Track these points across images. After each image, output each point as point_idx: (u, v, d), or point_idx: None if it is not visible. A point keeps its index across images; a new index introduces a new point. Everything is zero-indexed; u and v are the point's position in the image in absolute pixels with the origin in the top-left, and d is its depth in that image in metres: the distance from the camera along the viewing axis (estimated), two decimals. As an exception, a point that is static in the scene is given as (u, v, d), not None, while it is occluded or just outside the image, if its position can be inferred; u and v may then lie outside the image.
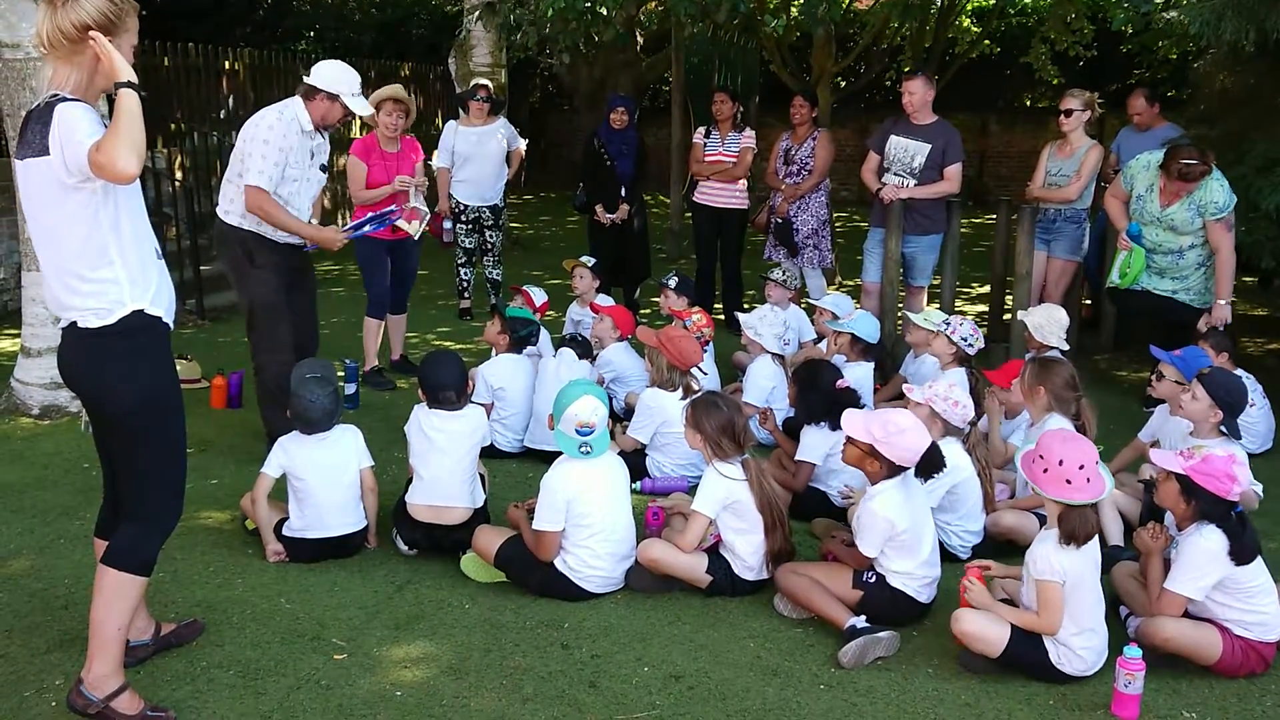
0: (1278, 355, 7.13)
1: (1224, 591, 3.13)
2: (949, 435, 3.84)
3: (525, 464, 4.90)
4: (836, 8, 8.65)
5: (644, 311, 7.78)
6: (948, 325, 4.82)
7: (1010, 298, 6.44)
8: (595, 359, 5.34)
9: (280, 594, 3.60)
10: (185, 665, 3.14)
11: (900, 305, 6.39)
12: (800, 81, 10.12)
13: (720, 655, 3.28)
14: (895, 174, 6.25)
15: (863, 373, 5.10)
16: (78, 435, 5.07)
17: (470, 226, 7.46)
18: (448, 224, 7.28)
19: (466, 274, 7.74)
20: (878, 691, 3.09)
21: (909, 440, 3.36)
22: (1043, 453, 3.10)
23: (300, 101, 4.51)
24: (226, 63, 10.66)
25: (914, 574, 3.41)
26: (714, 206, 7.33)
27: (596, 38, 9.84)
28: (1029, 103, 16.97)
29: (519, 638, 3.36)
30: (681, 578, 3.64)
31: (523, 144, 7.62)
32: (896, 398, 4.97)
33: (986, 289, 8.08)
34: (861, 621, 3.28)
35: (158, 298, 2.73)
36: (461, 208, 7.41)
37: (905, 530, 3.35)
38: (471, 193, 7.39)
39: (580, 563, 3.57)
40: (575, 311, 6.36)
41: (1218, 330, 5.18)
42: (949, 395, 3.87)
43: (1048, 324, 4.98)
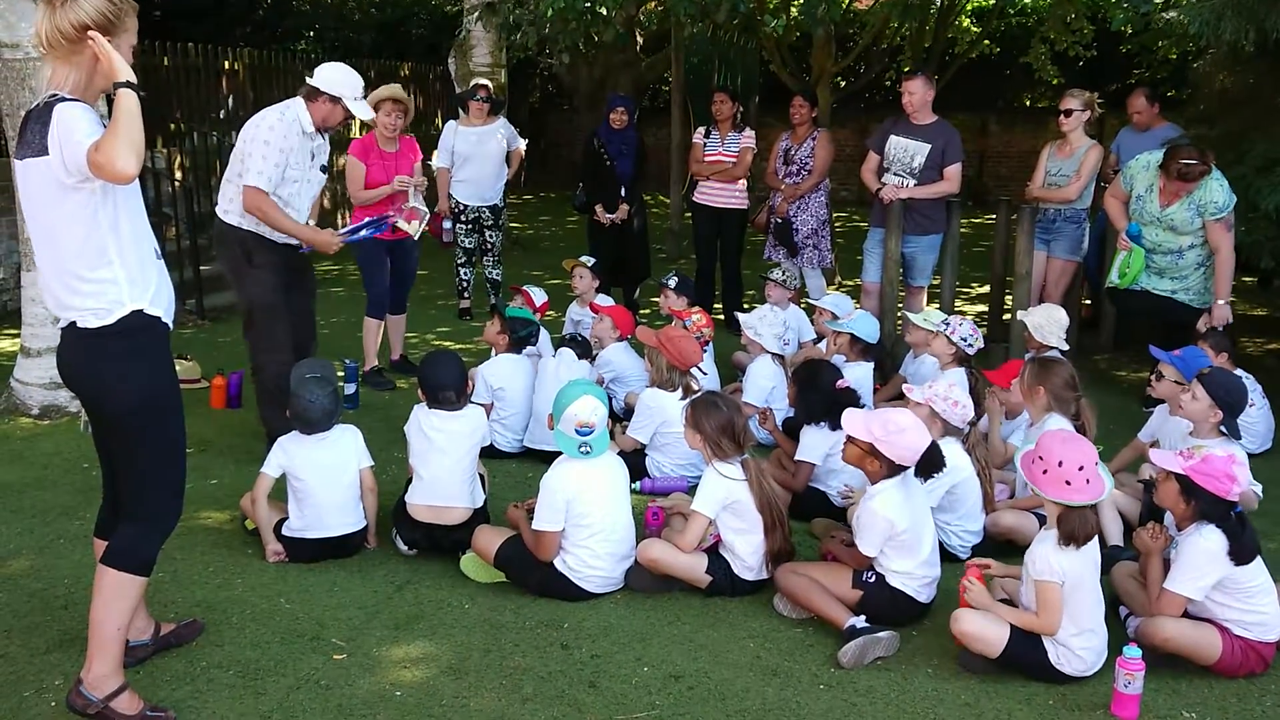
0: (1277, 355, 7.13)
1: (1223, 591, 3.13)
2: (948, 435, 3.84)
3: (525, 464, 4.90)
4: (836, 8, 8.65)
5: (644, 311, 7.78)
6: (947, 325, 4.82)
7: (1010, 298, 6.44)
8: (595, 359, 5.34)
9: (280, 594, 3.60)
10: (185, 665, 3.14)
11: (900, 305, 6.39)
12: (800, 81, 10.12)
13: (720, 655, 3.28)
14: (895, 174, 6.25)
15: (862, 373, 5.10)
16: (77, 435, 5.07)
17: (470, 226, 7.46)
18: (447, 224, 7.28)
19: (466, 274, 7.74)
20: (877, 691, 3.09)
21: (909, 439, 3.36)
22: (1042, 454, 3.10)
23: (302, 103, 4.51)
24: (226, 63, 10.66)
25: (914, 574, 3.41)
26: (714, 206, 7.33)
27: (596, 38, 9.83)
28: (1029, 103, 16.97)
29: (519, 638, 3.36)
30: (681, 578, 3.64)
31: (522, 144, 7.62)
32: (896, 398, 4.97)
33: (986, 289, 8.08)
34: (861, 621, 3.28)
35: (157, 298, 2.73)
36: (461, 208, 7.41)
37: (905, 530, 3.35)
38: (471, 193, 7.39)
39: (580, 563, 3.57)
40: (575, 311, 6.36)
41: (1217, 330, 5.18)
42: (948, 395, 3.87)
43: (1047, 324, 4.98)
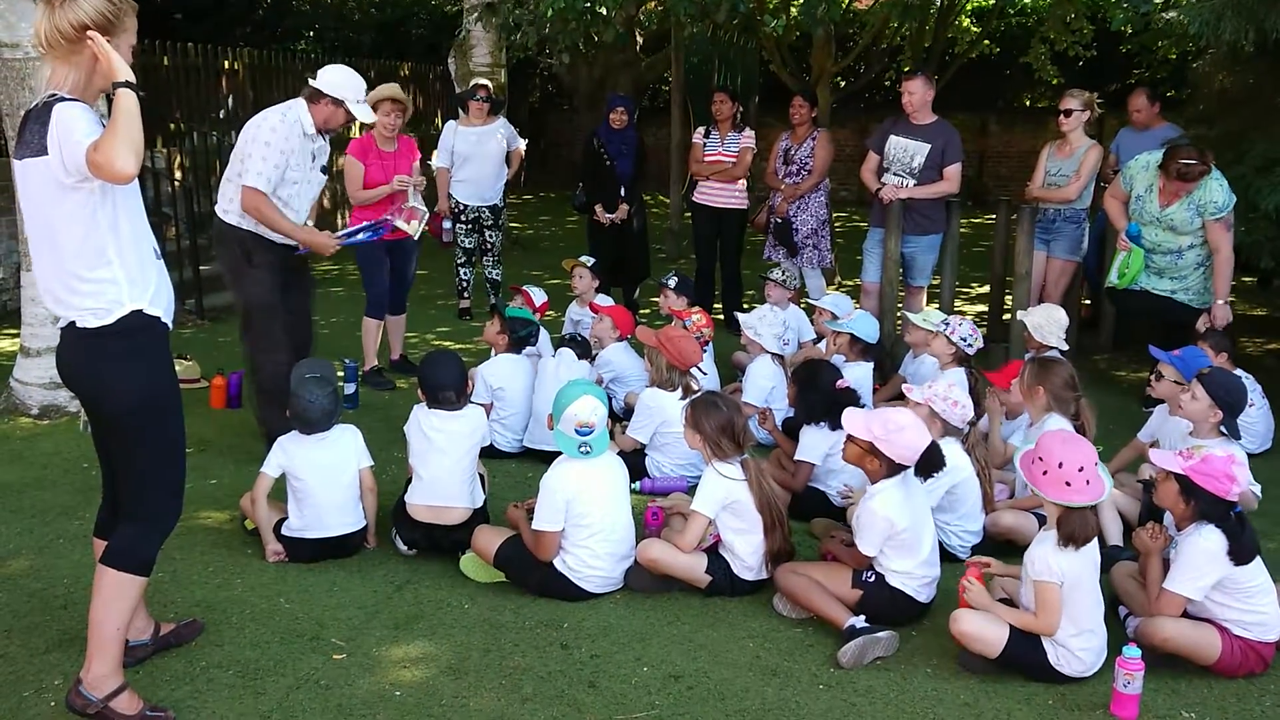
0: (1277, 355, 7.13)
1: (1223, 591, 3.13)
2: (948, 435, 3.84)
3: (524, 464, 4.90)
4: (836, 8, 8.64)
5: (643, 311, 7.77)
6: (947, 325, 4.82)
7: (1009, 298, 6.44)
8: (594, 359, 5.34)
9: (279, 594, 3.60)
10: (184, 665, 3.14)
11: (899, 305, 6.39)
12: (800, 81, 10.12)
13: (719, 655, 3.28)
14: (895, 174, 6.25)
15: (862, 373, 5.10)
16: (77, 435, 5.07)
17: (470, 226, 7.46)
18: (447, 224, 7.28)
19: (466, 274, 7.74)
20: (877, 691, 3.09)
21: (909, 438, 3.36)
22: (1042, 455, 3.10)
23: (304, 104, 4.51)
24: (226, 62, 10.66)
25: (913, 573, 3.41)
26: (713, 206, 7.33)
27: (596, 38, 9.82)
28: (1028, 103, 16.97)
29: (518, 638, 3.36)
30: (681, 578, 3.63)
31: (522, 144, 7.62)
32: (896, 398, 4.96)
33: (986, 289, 8.08)
34: (861, 621, 3.28)
35: (156, 297, 2.73)
36: (461, 207, 7.41)
37: (905, 529, 3.35)
38: (471, 193, 7.39)
39: (579, 563, 3.56)
40: (575, 311, 6.35)
41: (1217, 330, 5.18)
42: (948, 395, 3.87)
43: (1047, 324, 4.98)
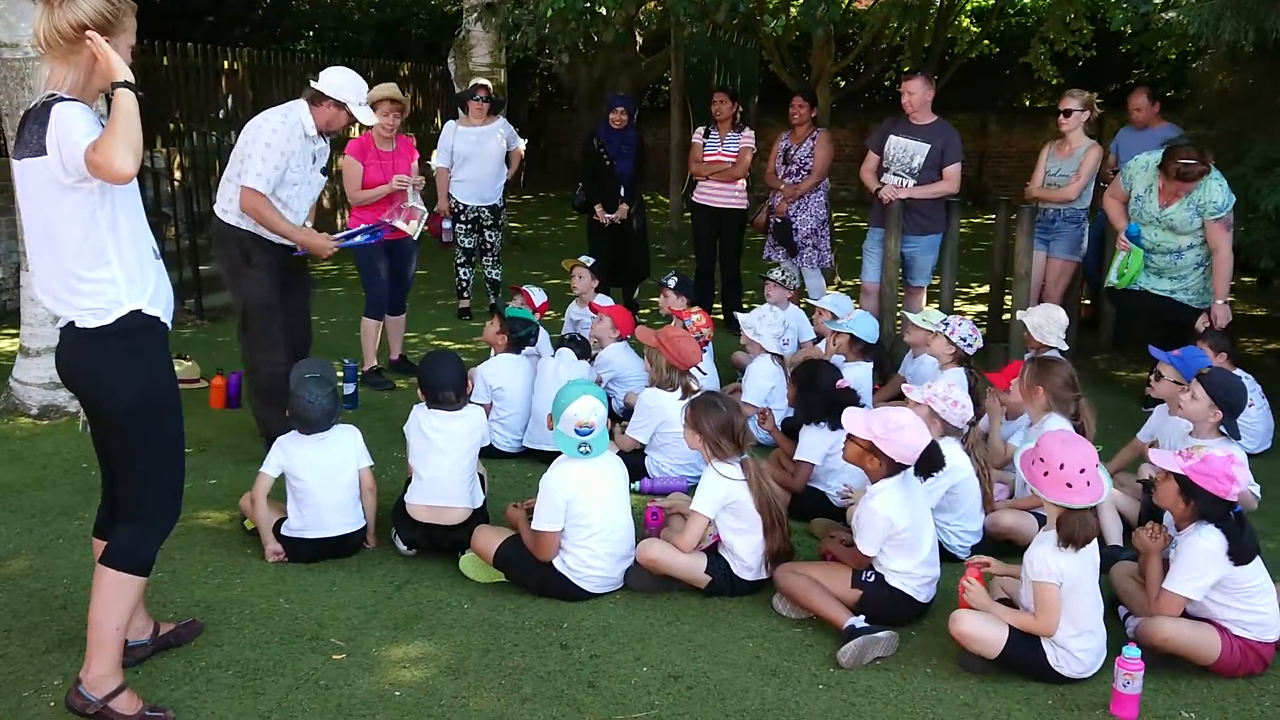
0: (1277, 355, 7.13)
1: (1222, 591, 3.13)
2: (948, 435, 3.84)
3: (524, 464, 4.90)
4: (836, 8, 8.64)
5: (643, 311, 7.77)
6: (946, 325, 4.82)
7: (1009, 298, 6.44)
8: (594, 359, 5.34)
9: (279, 594, 3.60)
10: (184, 665, 3.14)
11: (899, 305, 6.39)
12: (799, 81, 10.13)
13: (719, 655, 3.28)
14: (894, 174, 6.25)
15: (861, 373, 5.10)
16: (76, 435, 5.07)
17: (469, 226, 7.46)
18: (447, 224, 7.28)
19: (465, 274, 7.73)
20: (876, 691, 3.09)
21: (908, 437, 3.36)
22: (1043, 455, 3.09)
23: (305, 106, 4.50)
24: (225, 62, 10.66)
25: (913, 573, 3.41)
26: (713, 206, 7.33)
27: (596, 38, 9.82)
28: (1028, 103, 16.98)
29: (518, 638, 3.36)
30: (680, 578, 3.63)
31: (522, 144, 7.62)
32: (895, 398, 4.96)
33: (985, 289, 8.08)
34: (860, 621, 3.28)
35: (155, 297, 2.73)
36: (461, 207, 7.41)
37: (905, 529, 3.35)
38: (471, 192, 7.39)
39: (579, 563, 3.56)
40: (574, 311, 6.35)
41: (1216, 330, 5.18)
42: (948, 395, 3.87)
43: (1047, 324, 4.98)
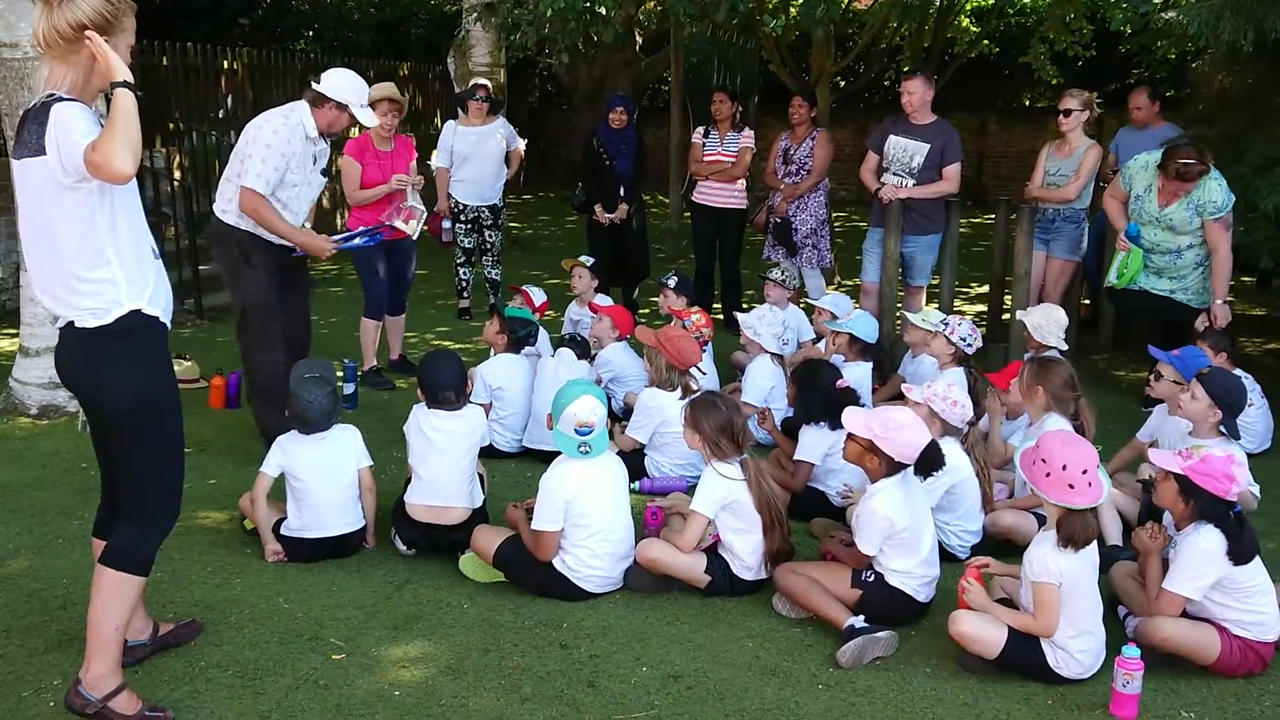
0: (1276, 355, 7.13)
1: (1222, 591, 3.13)
2: (947, 435, 3.83)
3: (524, 464, 4.90)
4: (835, 8, 8.64)
5: (643, 311, 7.78)
6: (946, 325, 4.82)
7: (1009, 298, 6.44)
8: (594, 359, 5.34)
9: (279, 594, 3.60)
10: (183, 665, 3.14)
11: (899, 305, 6.39)
12: (799, 81, 10.13)
13: (719, 655, 3.28)
14: (894, 174, 6.25)
15: (861, 372, 5.10)
16: (76, 435, 5.07)
17: (469, 226, 7.46)
18: (446, 223, 7.28)
19: (465, 274, 7.73)
20: (876, 691, 3.09)
21: (908, 436, 3.36)
22: (1045, 456, 3.09)
23: (307, 107, 4.50)
24: (225, 62, 10.66)
25: (913, 573, 3.41)
26: (713, 206, 7.33)
27: (596, 37, 9.82)
28: (1028, 103, 16.98)
29: (517, 637, 3.36)
30: (680, 577, 3.63)
31: (522, 144, 7.62)
32: (895, 398, 4.96)
33: (985, 289, 8.08)
34: (860, 621, 3.28)
35: (155, 297, 2.73)
36: (460, 207, 7.41)
37: (905, 528, 3.35)
38: (470, 192, 7.38)
39: (579, 562, 3.56)
40: (574, 311, 6.35)
41: (1216, 330, 5.18)
42: (947, 395, 3.87)
43: (1046, 324, 4.98)
